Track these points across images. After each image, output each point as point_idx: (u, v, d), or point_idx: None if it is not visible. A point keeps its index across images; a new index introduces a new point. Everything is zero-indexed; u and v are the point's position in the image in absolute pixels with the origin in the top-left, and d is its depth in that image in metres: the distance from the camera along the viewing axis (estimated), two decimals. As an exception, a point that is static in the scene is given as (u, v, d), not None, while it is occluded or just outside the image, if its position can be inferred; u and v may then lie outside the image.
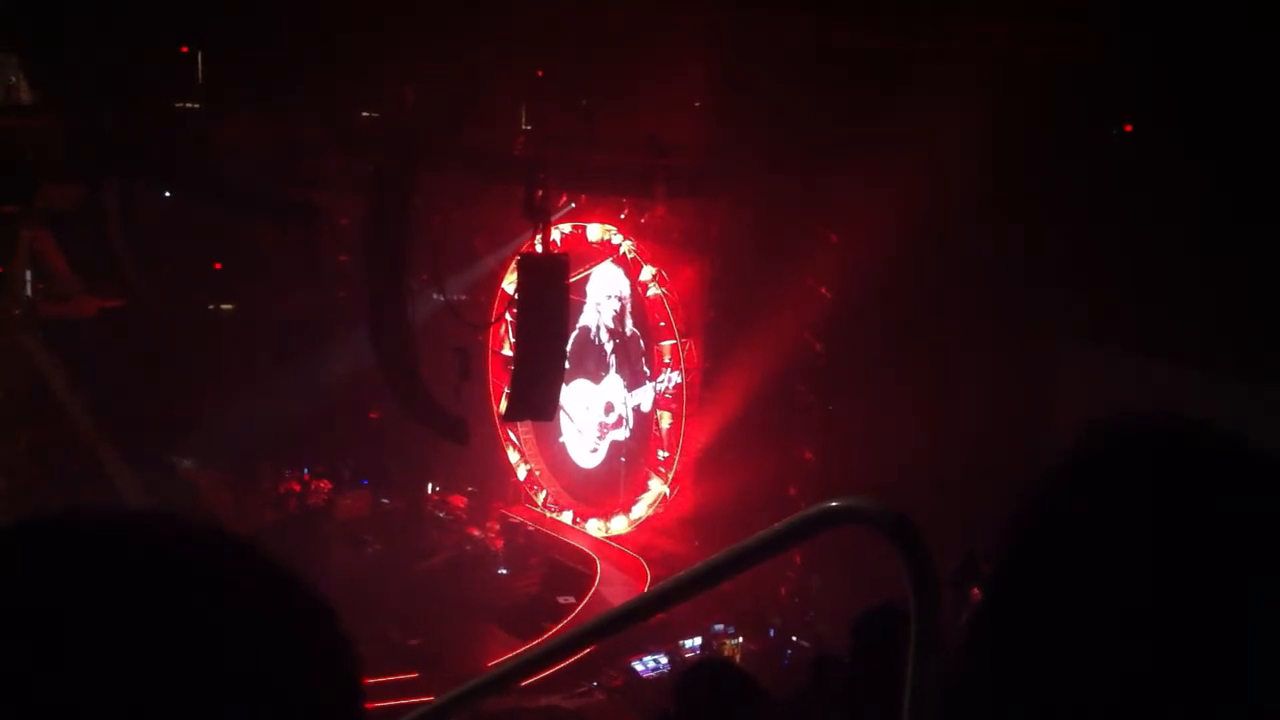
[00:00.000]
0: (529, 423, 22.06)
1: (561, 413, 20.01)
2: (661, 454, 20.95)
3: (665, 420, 20.90)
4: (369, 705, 1.02)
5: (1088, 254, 14.33)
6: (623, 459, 21.97)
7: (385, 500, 23.73)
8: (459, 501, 23.40)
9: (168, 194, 22.69)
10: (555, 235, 18.73)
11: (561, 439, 22.93)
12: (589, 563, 20.52)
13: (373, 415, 24.64)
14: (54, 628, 0.87)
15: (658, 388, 20.87)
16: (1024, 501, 1.12)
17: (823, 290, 18.09)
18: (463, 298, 21.96)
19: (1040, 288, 15.15)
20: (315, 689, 0.96)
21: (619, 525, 21.41)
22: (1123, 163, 14.02)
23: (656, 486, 21.02)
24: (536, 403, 17.60)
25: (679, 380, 20.55)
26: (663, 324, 20.58)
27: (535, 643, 15.14)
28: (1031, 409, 15.00)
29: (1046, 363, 15.64)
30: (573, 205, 21.15)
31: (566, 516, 22.43)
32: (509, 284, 21.13)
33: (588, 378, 22.39)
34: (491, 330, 22.30)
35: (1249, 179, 12.30)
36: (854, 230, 16.82)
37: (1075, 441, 1.12)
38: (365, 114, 20.27)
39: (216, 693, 0.89)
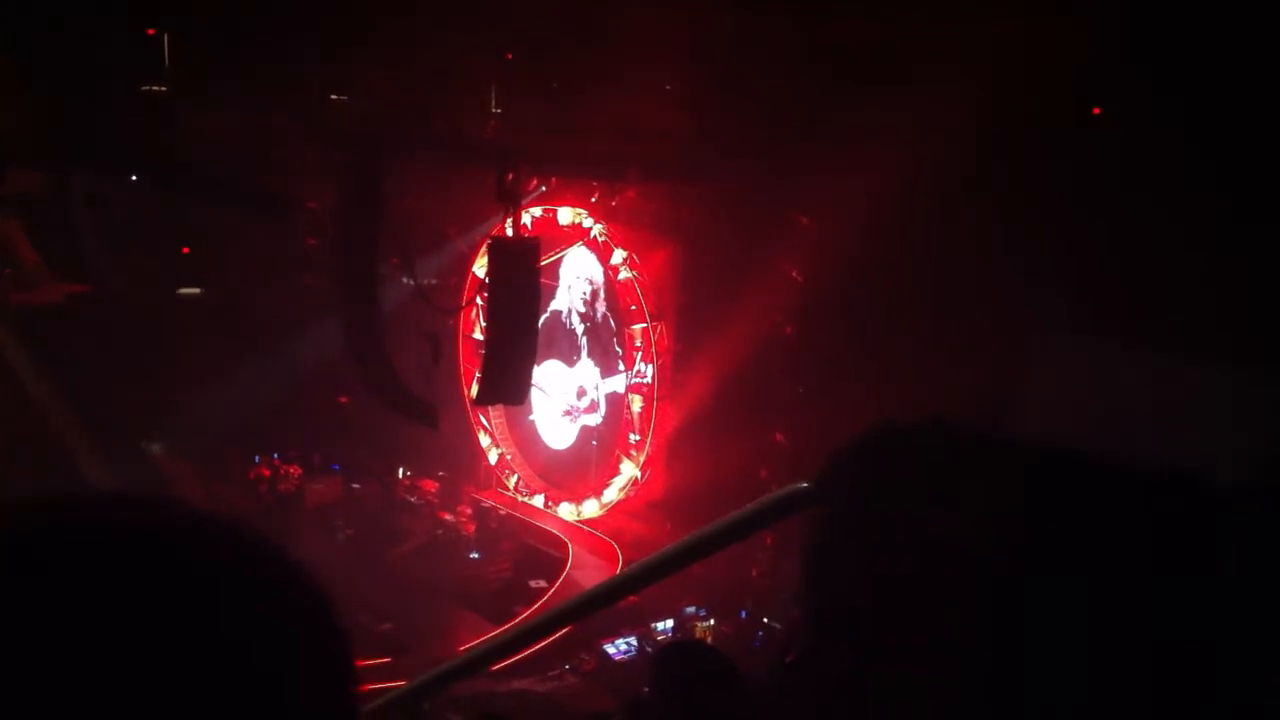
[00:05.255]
0: (500, 407, 22.05)
1: (535, 388, 20.00)
2: (633, 437, 20.97)
3: (636, 404, 20.92)
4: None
5: (1060, 242, 14.40)
6: (594, 443, 21.98)
7: (356, 485, 23.69)
8: (430, 486, 23.37)
9: (134, 178, 22.50)
10: (526, 219, 18.71)
11: (531, 417, 22.90)
12: (561, 546, 20.54)
13: (343, 400, 24.55)
14: (49, 620, 0.88)
15: (630, 375, 20.89)
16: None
17: (795, 274, 18.12)
18: (433, 282, 21.90)
19: (1014, 274, 15.21)
20: (310, 674, 0.97)
21: (590, 509, 21.44)
22: (1094, 152, 14.07)
23: (628, 470, 21.05)
24: (507, 387, 17.57)
25: (650, 364, 20.57)
26: (634, 307, 20.59)
27: (507, 626, 15.15)
28: (1002, 393, 15.07)
29: (1019, 348, 15.70)
30: (543, 189, 21.11)
31: (538, 500, 22.44)
32: (480, 268, 21.09)
33: (560, 359, 22.39)
34: (462, 314, 22.26)
35: (1227, 170, 12.38)
36: (826, 215, 16.85)
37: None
38: (334, 97, 20.13)
39: (213, 678, 0.90)
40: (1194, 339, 12.82)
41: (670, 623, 17.48)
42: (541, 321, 19.32)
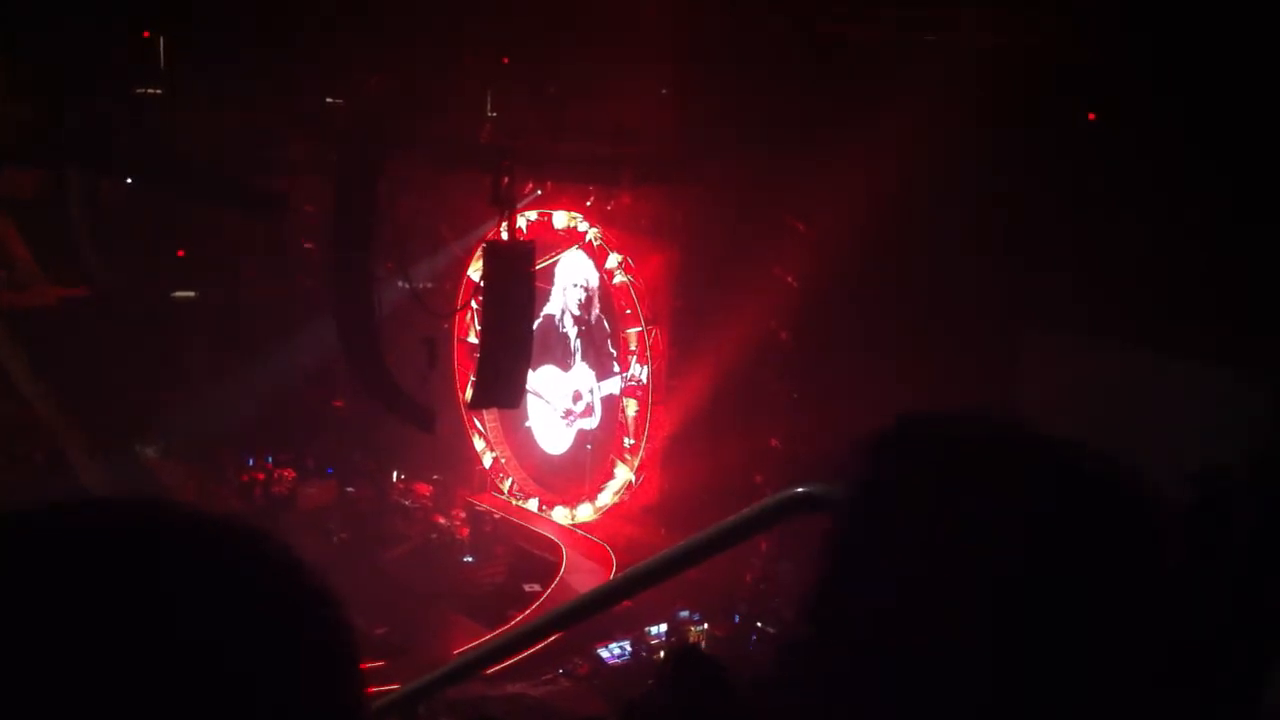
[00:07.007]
0: (495, 410, 22.03)
1: (531, 394, 19.98)
2: (627, 441, 20.94)
3: (631, 408, 20.89)
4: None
5: (1059, 244, 14.43)
6: (589, 446, 21.96)
7: (350, 489, 23.65)
8: (425, 490, 23.34)
9: (129, 181, 22.49)
10: (521, 222, 18.69)
11: (527, 423, 22.88)
12: (555, 550, 20.50)
13: (337, 403, 24.53)
14: (51, 623, 0.87)
15: (625, 379, 20.86)
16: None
17: (789, 278, 18.10)
18: (428, 285, 21.87)
19: (1012, 277, 15.25)
20: (313, 675, 0.97)
21: (585, 513, 21.40)
22: (1093, 153, 14.10)
23: (622, 474, 21.01)
24: (502, 390, 17.57)
25: (645, 368, 20.55)
26: (629, 311, 20.56)
27: (501, 630, 15.14)
28: (995, 395, 15.08)
29: (1011, 348, 15.73)
30: (539, 192, 21.08)
31: (532, 504, 22.40)
32: (475, 271, 21.06)
33: (555, 364, 22.37)
34: (457, 318, 22.24)
35: (1212, 168, 12.40)
36: (821, 218, 16.84)
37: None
38: (330, 100, 20.14)
39: (215, 680, 0.90)
40: (1193, 339, 12.88)
41: (664, 627, 17.46)
42: (536, 325, 19.31)
